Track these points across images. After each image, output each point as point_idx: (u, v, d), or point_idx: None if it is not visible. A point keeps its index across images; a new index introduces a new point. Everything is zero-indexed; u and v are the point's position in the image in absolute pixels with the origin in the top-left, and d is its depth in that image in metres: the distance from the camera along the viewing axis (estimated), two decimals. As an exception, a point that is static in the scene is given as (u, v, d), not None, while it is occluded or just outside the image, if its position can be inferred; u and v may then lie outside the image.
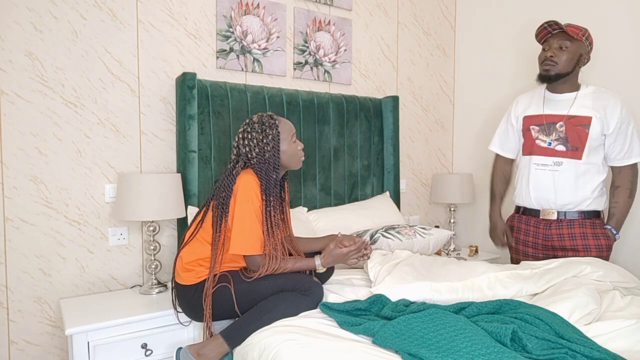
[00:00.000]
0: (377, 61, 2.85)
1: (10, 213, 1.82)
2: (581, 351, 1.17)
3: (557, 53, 1.90)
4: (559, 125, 1.95)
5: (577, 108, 1.93)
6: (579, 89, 1.97)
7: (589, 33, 1.92)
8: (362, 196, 2.67)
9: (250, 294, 1.57)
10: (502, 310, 1.47)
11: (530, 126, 2.05)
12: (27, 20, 1.82)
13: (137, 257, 2.10)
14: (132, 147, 2.07)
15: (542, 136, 2.00)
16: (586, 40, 1.91)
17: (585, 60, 1.95)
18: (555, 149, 1.97)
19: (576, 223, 1.96)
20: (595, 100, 1.92)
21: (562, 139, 1.95)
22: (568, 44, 1.89)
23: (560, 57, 1.90)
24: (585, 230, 1.94)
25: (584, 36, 1.89)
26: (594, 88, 1.96)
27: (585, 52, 1.93)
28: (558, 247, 1.99)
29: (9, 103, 1.81)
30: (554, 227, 1.99)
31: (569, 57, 1.90)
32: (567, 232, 1.96)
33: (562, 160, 1.95)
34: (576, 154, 1.93)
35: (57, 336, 1.93)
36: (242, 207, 1.56)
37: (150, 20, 2.08)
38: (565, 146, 1.94)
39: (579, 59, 1.92)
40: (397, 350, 1.24)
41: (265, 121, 1.66)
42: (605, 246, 1.93)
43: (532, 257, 2.09)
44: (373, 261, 1.80)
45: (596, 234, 1.93)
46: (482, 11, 3.01)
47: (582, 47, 1.91)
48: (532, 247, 2.07)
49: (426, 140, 3.12)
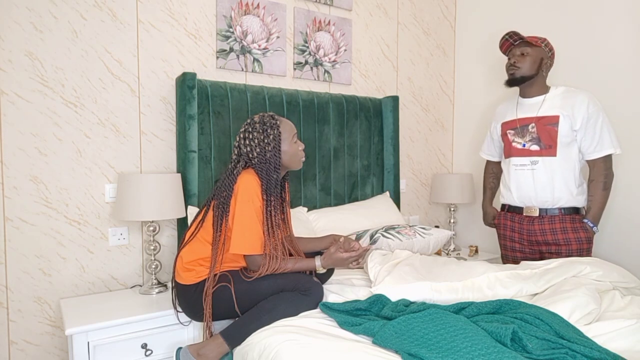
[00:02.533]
0: (377, 61, 2.85)
1: (10, 213, 1.82)
2: (581, 351, 1.17)
3: (519, 59, 2.07)
4: (530, 127, 2.10)
5: (545, 109, 2.07)
6: (548, 91, 2.11)
7: (548, 41, 2.09)
8: (362, 196, 2.67)
9: (250, 293, 1.57)
10: (502, 310, 1.47)
11: (507, 131, 2.20)
12: (27, 20, 1.82)
13: (137, 257, 2.10)
14: (132, 147, 2.07)
15: (517, 139, 2.15)
16: (545, 47, 2.07)
17: (549, 64, 2.10)
18: (530, 149, 2.10)
19: (557, 219, 2.06)
20: (563, 99, 2.04)
21: (535, 139, 2.08)
22: (529, 50, 2.05)
23: (523, 62, 2.06)
24: (565, 225, 2.04)
25: (543, 43, 2.06)
26: (564, 89, 2.09)
27: (547, 57, 2.08)
28: (542, 242, 2.10)
29: (9, 103, 1.81)
30: (536, 223, 2.10)
31: (531, 61, 2.05)
32: (549, 228, 2.06)
33: (537, 159, 2.08)
34: (550, 151, 2.05)
35: (57, 336, 1.93)
36: (243, 207, 1.56)
37: (150, 20, 2.08)
38: (539, 145, 2.07)
39: (540, 62, 2.07)
40: (397, 350, 1.24)
41: (266, 121, 1.66)
42: (585, 239, 2.02)
43: (519, 252, 2.20)
44: (373, 261, 1.80)
45: (575, 228, 2.03)
46: (481, 11, 3.01)
47: (542, 52, 2.07)
48: (519, 242, 2.18)
49: (426, 140, 3.12)
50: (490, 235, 3.00)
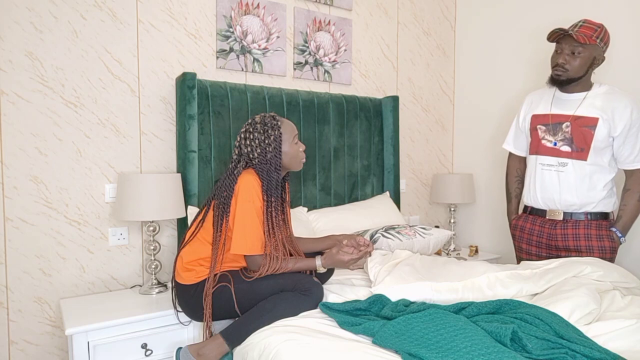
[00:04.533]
0: (377, 61, 2.85)
1: (10, 213, 1.82)
2: (581, 351, 1.17)
3: (569, 59, 1.87)
4: (565, 126, 1.93)
5: (584, 108, 1.89)
6: (590, 89, 1.94)
7: (604, 31, 1.85)
8: (362, 196, 2.67)
9: (250, 293, 1.57)
10: (502, 310, 1.47)
11: (537, 126, 2.03)
12: (27, 20, 1.82)
13: (137, 257, 2.10)
14: (132, 147, 2.07)
15: (548, 136, 1.99)
16: (600, 41, 1.84)
17: (599, 62, 1.90)
18: (560, 150, 1.95)
19: (582, 224, 1.93)
20: (605, 101, 1.88)
21: (568, 140, 1.93)
22: (581, 49, 1.84)
23: (572, 64, 1.86)
24: (589, 231, 1.91)
25: (599, 37, 1.83)
26: (607, 88, 1.92)
27: (600, 54, 1.88)
28: (562, 247, 1.97)
29: (9, 103, 1.81)
30: (559, 227, 1.98)
31: (582, 63, 1.86)
32: (572, 233, 1.94)
33: (567, 161, 1.93)
34: (581, 155, 1.90)
35: (57, 336, 1.93)
36: (244, 207, 1.56)
37: (150, 20, 2.08)
38: (570, 147, 1.93)
39: (592, 62, 1.88)
40: (397, 350, 1.24)
41: (267, 122, 1.66)
42: (609, 248, 1.90)
43: (535, 256, 2.08)
44: (373, 261, 1.80)
45: (600, 236, 1.90)
46: (482, 11, 3.01)
47: (596, 50, 1.86)
48: (536, 246, 2.06)
49: (426, 140, 3.12)
50: (490, 235, 3.00)
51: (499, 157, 2.90)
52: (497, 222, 2.95)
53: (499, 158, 2.90)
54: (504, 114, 2.88)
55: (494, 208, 2.97)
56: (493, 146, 2.95)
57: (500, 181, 2.86)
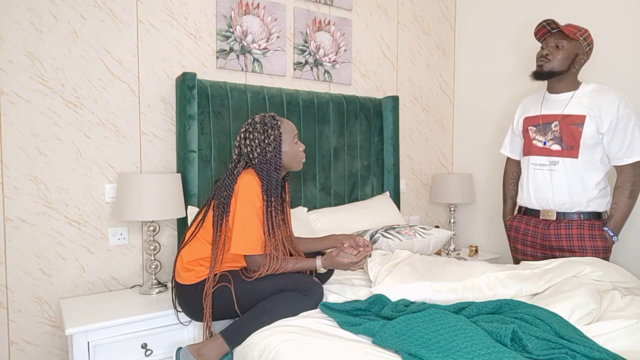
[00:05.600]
0: (377, 61, 2.85)
1: (10, 213, 1.82)
2: (581, 351, 1.17)
3: (553, 51, 1.93)
4: (554, 125, 1.97)
5: (572, 107, 1.93)
6: (577, 88, 1.97)
7: (588, 34, 1.92)
8: (362, 196, 2.67)
9: (250, 293, 1.57)
10: (502, 310, 1.47)
11: (529, 127, 2.08)
12: (27, 20, 1.82)
13: (137, 257, 2.10)
14: (132, 147, 2.07)
15: (538, 136, 2.03)
16: (584, 40, 1.91)
17: (583, 61, 1.96)
18: (550, 149, 1.98)
19: (574, 224, 1.95)
20: (592, 98, 1.91)
21: (557, 139, 1.96)
22: (565, 43, 1.90)
23: (555, 56, 1.92)
24: (582, 231, 1.93)
25: (582, 36, 1.90)
26: (595, 86, 1.95)
27: (583, 52, 1.93)
28: (555, 248, 1.99)
29: (9, 103, 1.81)
30: (552, 227, 2.00)
31: (564, 56, 1.91)
32: (565, 233, 1.96)
33: (558, 159, 1.96)
34: (572, 152, 1.93)
35: (57, 336, 1.93)
36: (243, 207, 1.56)
37: (150, 20, 2.08)
38: (560, 145, 1.96)
39: (574, 58, 1.93)
40: (397, 350, 1.24)
41: (267, 122, 1.66)
42: (602, 248, 1.91)
43: (530, 256, 2.10)
44: (373, 261, 1.80)
45: (593, 236, 1.91)
46: (481, 11, 3.01)
47: (579, 47, 1.92)
48: (531, 246, 2.09)
49: (426, 140, 3.12)
50: (490, 235, 3.01)
51: (498, 157, 2.90)
52: (497, 222, 2.95)
53: (498, 158, 2.90)
54: (503, 114, 2.88)
55: (493, 208, 2.97)
56: (493, 146, 2.95)
57: (500, 181, 2.86)
